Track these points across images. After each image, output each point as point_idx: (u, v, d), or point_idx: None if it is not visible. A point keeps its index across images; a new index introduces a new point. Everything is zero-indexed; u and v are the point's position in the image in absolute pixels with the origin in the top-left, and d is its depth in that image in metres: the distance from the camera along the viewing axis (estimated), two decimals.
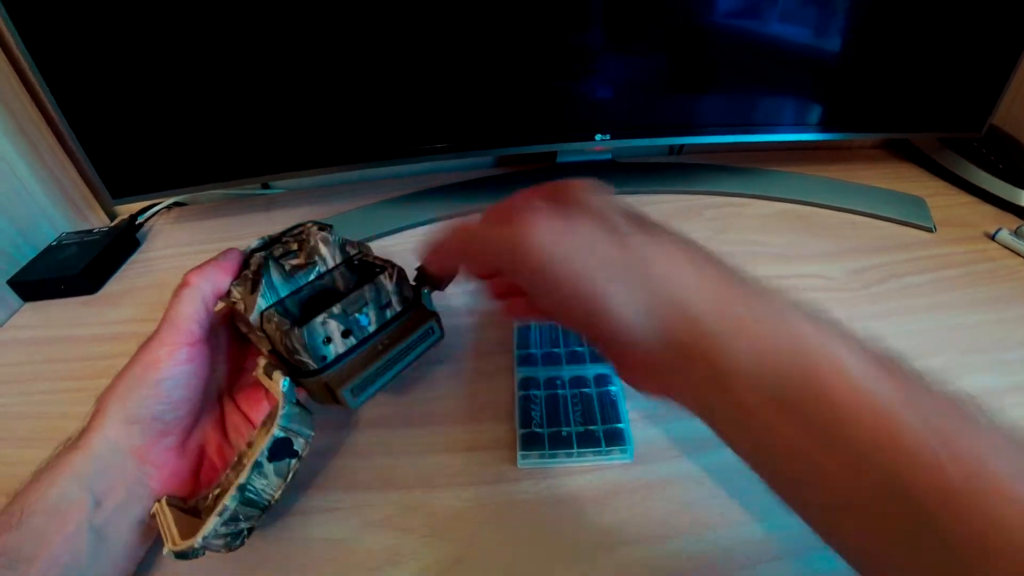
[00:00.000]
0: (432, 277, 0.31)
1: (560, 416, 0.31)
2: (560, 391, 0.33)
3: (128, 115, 0.46)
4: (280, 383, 0.27)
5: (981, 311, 0.43)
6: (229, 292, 0.30)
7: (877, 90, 0.53)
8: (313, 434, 0.28)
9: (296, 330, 0.26)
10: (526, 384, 0.33)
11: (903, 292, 0.45)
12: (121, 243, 0.54)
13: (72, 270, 0.48)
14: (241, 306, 0.29)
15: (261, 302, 0.28)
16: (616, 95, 0.50)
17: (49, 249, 0.52)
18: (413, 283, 0.32)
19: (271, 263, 0.29)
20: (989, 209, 0.56)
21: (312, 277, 0.30)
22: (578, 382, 0.33)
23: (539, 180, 0.56)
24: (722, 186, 0.57)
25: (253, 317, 0.28)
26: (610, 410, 0.32)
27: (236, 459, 0.27)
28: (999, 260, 0.49)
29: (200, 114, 0.47)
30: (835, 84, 0.53)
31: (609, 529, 0.28)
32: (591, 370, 0.34)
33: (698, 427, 0.33)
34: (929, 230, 0.52)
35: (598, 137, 0.50)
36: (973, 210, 0.56)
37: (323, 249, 0.31)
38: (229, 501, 0.25)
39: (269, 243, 0.33)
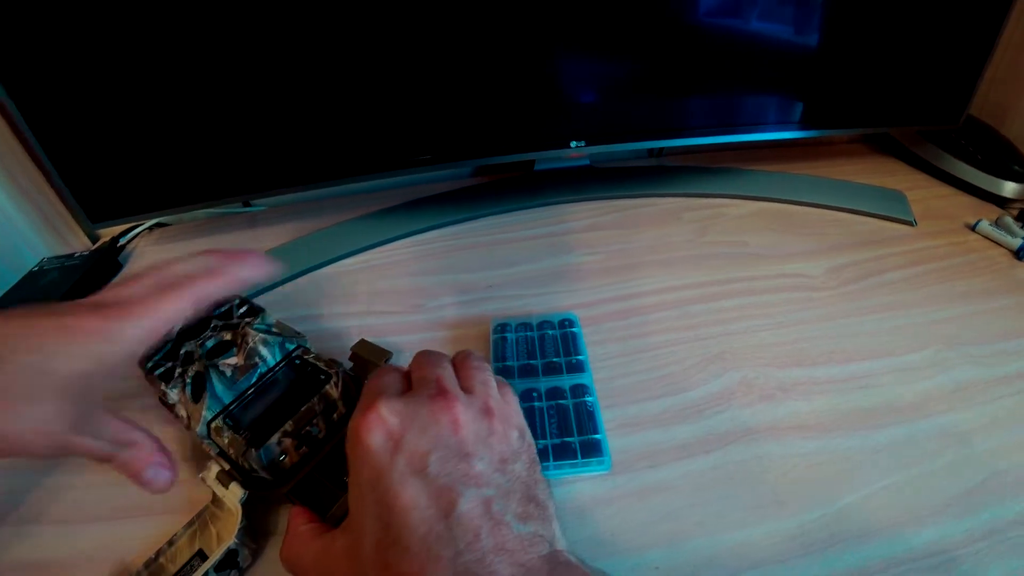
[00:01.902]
0: (370, 363, 0.33)
1: (536, 429, 0.31)
2: (536, 403, 0.32)
3: (103, 138, 0.46)
4: (238, 496, 0.27)
5: (962, 304, 0.43)
6: (166, 394, 0.29)
7: (854, 85, 0.53)
8: (256, 546, 0.28)
9: (253, 451, 0.27)
10: None
11: (883, 288, 0.45)
12: (103, 266, 0.54)
13: (52, 296, 0.48)
14: (183, 412, 0.29)
15: (207, 413, 0.29)
16: (590, 101, 0.50)
17: (30, 275, 0.52)
18: (351, 367, 0.34)
19: (212, 372, 0.29)
20: (969, 200, 0.56)
21: (255, 379, 0.30)
22: (554, 393, 0.33)
23: (517, 189, 0.57)
24: (702, 187, 0.57)
25: (200, 429, 0.28)
26: (587, 421, 0.32)
27: (153, 556, 0.27)
28: (980, 251, 0.49)
29: (177, 135, 0.47)
30: (812, 81, 0.53)
31: (587, 542, 0.28)
32: (567, 381, 0.34)
33: (675, 435, 0.33)
34: (910, 224, 0.52)
35: (573, 144, 0.50)
36: (953, 202, 0.56)
37: (263, 350, 0.31)
38: None
39: (198, 325, 0.32)
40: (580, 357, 0.35)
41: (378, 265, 0.50)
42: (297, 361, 0.32)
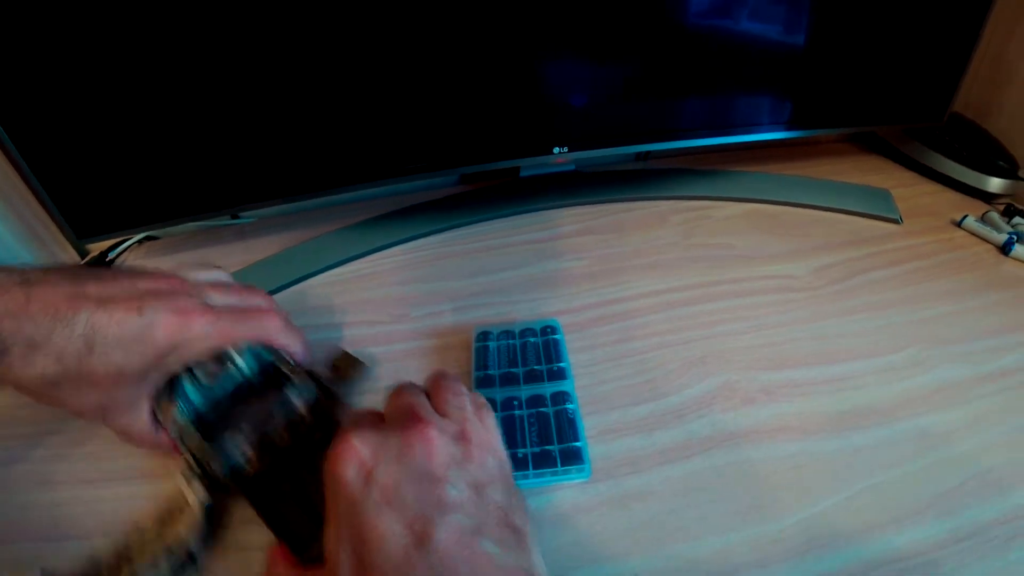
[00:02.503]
0: (346, 373, 0.35)
1: (516, 437, 0.31)
2: (517, 411, 0.32)
3: (89, 153, 0.46)
4: (199, 496, 0.28)
5: (948, 302, 0.43)
6: None
7: (840, 85, 0.53)
8: (211, 544, 0.29)
9: (214, 455, 0.28)
10: None
11: (868, 288, 0.45)
12: None
13: None
14: (158, 412, 0.30)
15: (177, 415, 0.30)
16: (575, 105, 0.50)
17: None
18: (330, 376, 0.35)
19: (184, 376, 0.30)
20: (955, 196, 0.56)
21: (227, 385, 0.31)
22: (535, 401, 0.33)
23: (503, 196, 0.57)
24: (689, 190, 0.57)
25: (172, 429, 0.30)
26: (567, 429, 0.32)
27: (123, 545, 0.28)
28: (966, 248, 0.49)
29: (164, 148, 0.47)
30: (799, 81, 0.53)
31: (568, 549, 0.28)
32: (548, 388, 0.34)
33: (656, 441, 0.33)
34: (895, 222, 0.52)
35: (556, 150, 0.50)
36: (939, 199, 0.56)
37: (237, 358, 0.31)
38: None
39: None
40: (562, 364, 0.35)
41: (365, 275, 0.50)
42: (271, 370, 0.32)
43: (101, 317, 0.25)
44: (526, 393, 0.33)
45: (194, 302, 0.29)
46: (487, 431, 0.26)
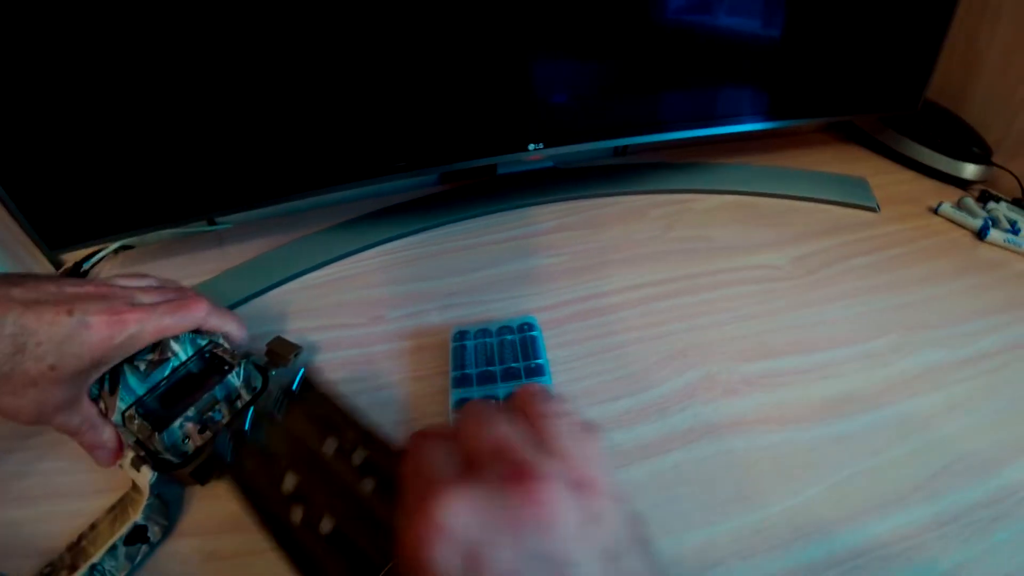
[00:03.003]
0: (280, 356, 0.36)
1: None
2: None
3: (58, 161, 0.45)
4: (148, 477, 0.29)
5: (927, 286, 0.44)
6: (88, 389, 0.32)
7: (816, 76, 0.54)
8: (167, 523, 0.30)
9: (157, 435, 0.30)
10: (461, 406, 0.33)
11: (849, 274, 0.45)
12: None
13: None
14: (103, 405, 0.31)
15: (120, 404, 0.31)
16: (550, 101, 0.50)
17: None
18: (265, 361, 0.36)
19: (126, 367, 0.32)
20: (931, 184, 0.56)
21: (167, 372, 0.33)
22: None
23: (481, 194, 0.56)
24: (668, 184, 0.57)
25: (115, 418, 0.31)
26: None
27: (75, 539, 0.29)
28: (943, 234, 0.49)
29: (136, 154, 0.46)
30: (775, 73, 0.53)
31: None
32: None
33: (637, 436, 0.33)
34: (873, 210, 0.52)
35: (531, 147, 0.50)
36: (916, 186, 0.56)
37: (174, 345, 0.33)
38: None
39: None
40: (539, 361, 0.35)
41: (342, 277, 0.49)
42: (207, 355, 0.34)
43: (30, 318, 0.26)
44: (503, 391, 0.33)
45: (124, 303, 0.29)
46: (604, 469, 0.19)
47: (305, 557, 0.25)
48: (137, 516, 0.28)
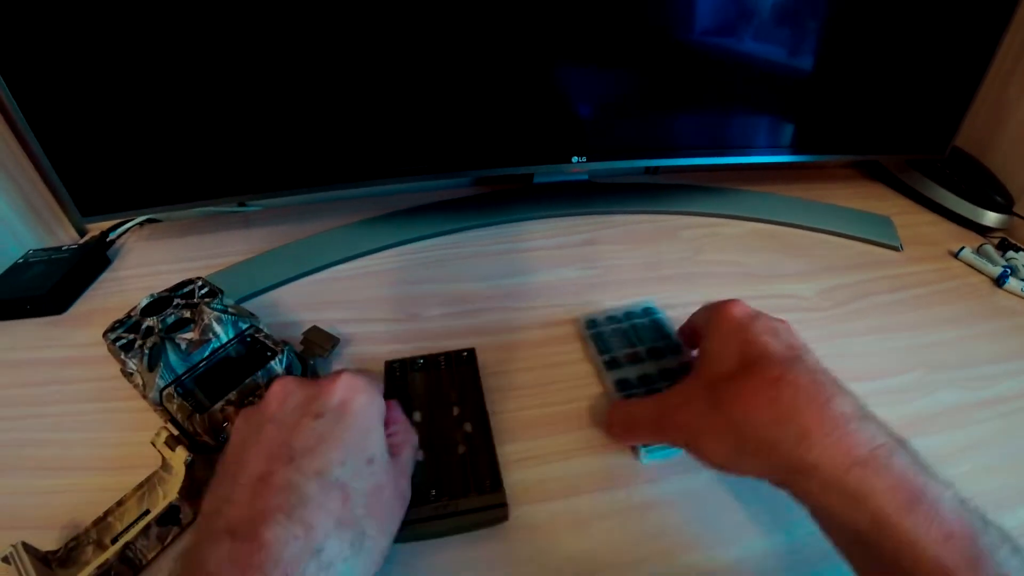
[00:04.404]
0: (317, 347, 0.37)
1: None
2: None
3: (100, 131, 0.46)
4: (183, 457, 0.29)
5: (947, 329, 0.45)
6: (124, 363, 0.32)
7: (847, 114, 0.55)
8: (197, 506, 0.29)
9: (198, 416, 0.30)
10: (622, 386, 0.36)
11: (872, 311, 0.46)
12: (91, 261, 0.52)
13: (39, 290, 0.47)
14: (139, 380, 0.31)
15: (159, 381, 0.31)
16: (592, 117, 0.51)
17: (15, 267, 0.50)
18: (301, 350, 0.37)
19: (168, 344, 0.32)
20: (953, 228, 0.58)
21: (207, 353, 0.33)
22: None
23: (516, 200, 0.57)
24: (698, 206, 0.58)
25: (153, 395, 0.31)
26: None
27: (102, 515, 0.29)
28: (962, 278, 0.51)
29: (175, 131, 0.47)
30: (806, 107, 0.54)
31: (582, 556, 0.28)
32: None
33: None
34: (896, 249, 0.53)
35: (575, 159, 0.51)
36: (938, 229, 0.58)
37: (216, 327, 0.33)
38: (111, 555, 0.26)
39: (159, 302, 0.35)
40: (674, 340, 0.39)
41: (372, 272, 0.49)
42: (248, 339, 0.35)
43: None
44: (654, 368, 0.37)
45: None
46: None
47: None
48: (173, 496, 0.28)
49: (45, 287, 0.47)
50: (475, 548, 0.28)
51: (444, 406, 0.34)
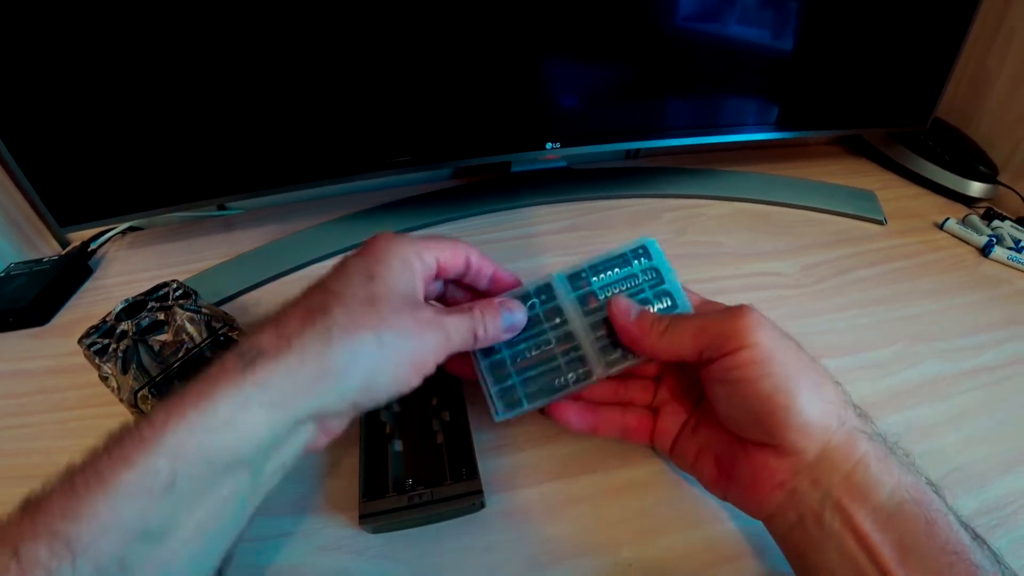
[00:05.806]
0: None
1: None
2: None
3: (73, 139, 0.45)
4: None
5: (931, 300, 0.44)
6: (100, 367, 0.32)
7: (827, 89, 0.54)
8: None
9: None
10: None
11: (855, 285, 0.45)
12: (72, 271, 0.52)
13: (21, 302, 0.47)
14: (114, 384, 0.32)
15: (134, 383, 0.31)
16: (567, 102, 0.51)
17: None
18: None
19: (141, 347, 0.32)
20: (937, 200, 0.57)
21: (181, 354, 0.33)
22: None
23: (495, 191, 0.57)
24: (680, 188, 0.57)
25: (128, 398, 0.31)
26: None
27: None
28: (947, 249, 0.50)
29: (148, 136, 0.47)
30: (787, 84, 0.54)
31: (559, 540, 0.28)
32: None
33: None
34: (880, 223, 0.53)
35: (548, 145, 0.51)
36: (922, 201, 0.57)
37: (190, 328, 0.34)
38: None
39: (134, 306, 0.36)
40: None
41: None
42: (223, 338, 0.35)
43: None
44: None
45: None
46: None
47: None
48: None
49: (27, 299, 0.47)
50: (452, 536, 0.28)
51: (423, 395, 0.34)
